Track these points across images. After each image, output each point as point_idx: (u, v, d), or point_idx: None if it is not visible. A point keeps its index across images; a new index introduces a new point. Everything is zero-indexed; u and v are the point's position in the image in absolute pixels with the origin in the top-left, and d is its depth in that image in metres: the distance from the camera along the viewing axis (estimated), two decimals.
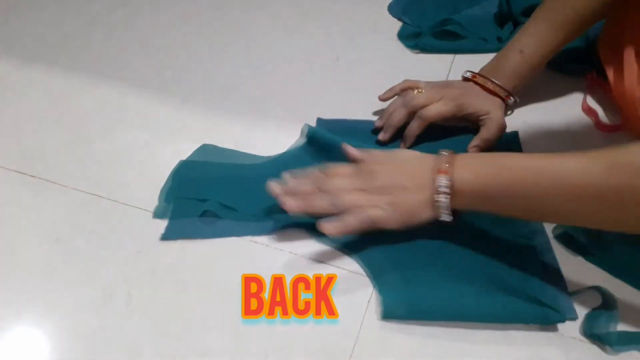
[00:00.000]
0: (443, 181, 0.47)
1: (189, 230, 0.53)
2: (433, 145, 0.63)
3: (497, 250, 0.51)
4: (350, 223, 0.49)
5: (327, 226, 0.48)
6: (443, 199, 0.48)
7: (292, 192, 0.52)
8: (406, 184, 0.49)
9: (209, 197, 0.55)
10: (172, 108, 0.69)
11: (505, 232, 0.53)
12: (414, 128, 0.62)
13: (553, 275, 0.50)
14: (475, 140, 0.62)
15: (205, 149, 0.62)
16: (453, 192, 0.47)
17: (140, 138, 0.64)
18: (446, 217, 0.49)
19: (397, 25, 0.85)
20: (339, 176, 0.52)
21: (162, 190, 0.57)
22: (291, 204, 0.50)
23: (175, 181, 0.57)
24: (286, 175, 0.53)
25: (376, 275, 0.50)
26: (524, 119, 0.67)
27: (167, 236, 0.53)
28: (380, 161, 0.52)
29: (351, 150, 0.54)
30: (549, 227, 0.54)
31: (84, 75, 0.74)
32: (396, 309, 0.47)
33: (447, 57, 0.78)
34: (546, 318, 0.46)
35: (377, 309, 0.47)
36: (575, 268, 0.50)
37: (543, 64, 0.65)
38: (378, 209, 0.49)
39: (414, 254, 0.51)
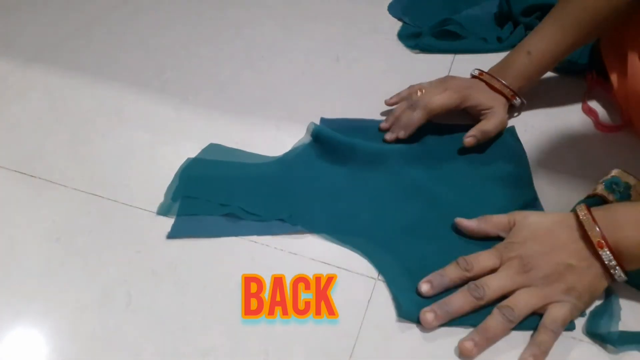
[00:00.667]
0: (608, 252, 0.44)
1: (196, 229, 0.53)
2: (435, 142, 0.63)
3: None
4: (549, 342, 0.43)
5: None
6: (619, 271, 0.44)
7: (448, 314, 0.45)
8: (571, 262, 0.45)
9: (216, 196, 0.56)
10: (172, 108, 0.69)
11: None
12: (416, 118, 0.61)
13: None
14: (473, 130, 0.61)
15: (212, 148, 0.62)
16: (622, 258, 0.44)
17: (140, 138, 0.64)
18: (624, 279, 0.45)
19: (397, 25, 0.85)
20: (488, 275, 0.46)
21: (169, 188, 0.57)
22: (469, 348, 0.43)
23: (183, 179, 0.58)
24: (424, 287, 0.47)
25: (387, 275, 0.50)
26: (525, 119, 0.67)
27: (173, 234, 0.53)
28: (521, 238, 0.47)
29: (468, 224, 0.51)
30: None
31: (84, 75, 0.74)
32: (411, 310, 0.47)
33: (447, 57, 0.78)
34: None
35: (390, 306, 0.48)
36: None
37: (551, 66, 0.64)
38: (562, 307, 0.44)
39: (424, 257, 0.51)
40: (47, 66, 0.76)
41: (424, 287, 0.47)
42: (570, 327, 0.46)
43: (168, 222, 0.54)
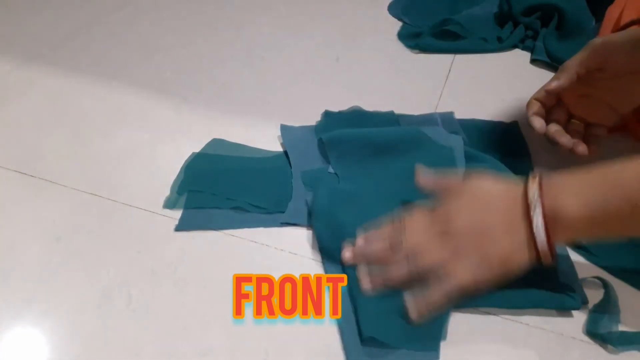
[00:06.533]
0: (540, 216, 0.40)
1: (203, 221, 0.54)
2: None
3: None
4: (435, 300, 0.43)
5: (413, 314, 0.43)
6: (542, 236, 0.41)
7: (364, 257, 0.47)
8: (493, 225, 0.42)
9: (221, 189, 0.56)
10: (172, 108, 0.69)
11: None
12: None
13: (564, 262, 0.50)
14: None
15: (215, 142, 0.62)
16: (555, 226, 0.40)
17: (140, 138, 0.64)
18: (547, 259, 0.42)
19: (397, 25, 0.85)
20: (416, 228, 0.45)
21: (174, 182, 0.57)
22: (367, 285, 0.45)
23: (188, 174, 0.58)
24: (359, 239, 0.48)
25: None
26: (524, 118, 0.67)
27: (181, 227, 0.53)
28: (459, 196, 0.45)
29: (424, 179, 0.48)
30: None
31: (84, 75, 0.74)
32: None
33: (447, 57, 0.78)
34: (562, 304, 0.47)
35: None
36: (576, 267, 0.50)
37: None
38: (465, 271, 0.42)
39: None
40: (47, 66, 0.76)
41: (359, 239, 0.48)
42: (575, 305, 0.46)
43: (168, 222, 0.54)
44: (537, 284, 0.47)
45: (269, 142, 0.63)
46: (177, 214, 0.55)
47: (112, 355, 0.44)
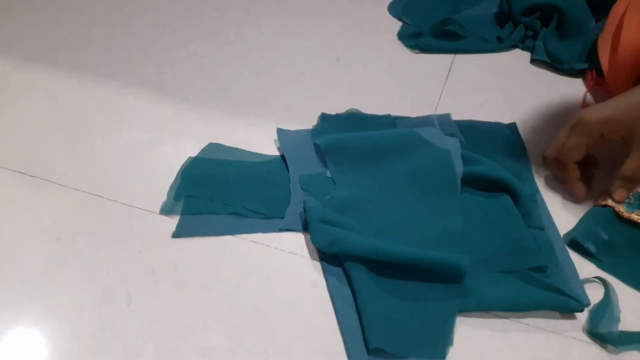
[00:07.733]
0: None
1: (200, 228, 0.53)
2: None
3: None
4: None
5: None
6: None
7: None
8: None
9: (219, 195, 0.56)
10: (172, 108, 0.69)
11: (519, 223, 0.52)
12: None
13: (566, 263, 0.50)
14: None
15: (212, 147, 0.62)
16: None
17: (140, 138, 0.64)
18: None
19: (397, 25, 0.85)
20: None
21: (171, 187, 0.57)
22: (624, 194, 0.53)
23: (185, 179, 0.58)
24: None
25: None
26: (524, 119, 0.67)
27: (178, 233, 0.53)
28: None
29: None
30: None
31: (84, 75, 0.74)
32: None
33: (447, 57, 0.78)
34: (566, 306, 0.46)
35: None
36: (577, 268, 0.50)
37: None
38: None
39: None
40: (47, 66, 0.76)
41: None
42: (578, 307, 0.46)
43: (168, 222, 0.54)
44: (540, 286, 0.47)
45: (269, 142, 0.63)
46: (176, 215, 0.55)
47: (112, 355, 0.44)
